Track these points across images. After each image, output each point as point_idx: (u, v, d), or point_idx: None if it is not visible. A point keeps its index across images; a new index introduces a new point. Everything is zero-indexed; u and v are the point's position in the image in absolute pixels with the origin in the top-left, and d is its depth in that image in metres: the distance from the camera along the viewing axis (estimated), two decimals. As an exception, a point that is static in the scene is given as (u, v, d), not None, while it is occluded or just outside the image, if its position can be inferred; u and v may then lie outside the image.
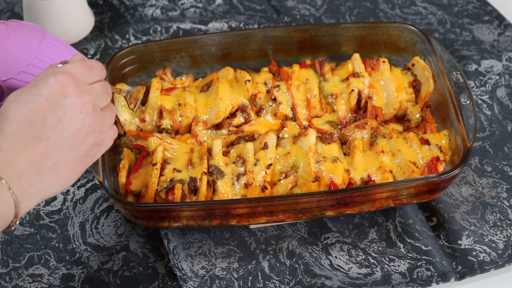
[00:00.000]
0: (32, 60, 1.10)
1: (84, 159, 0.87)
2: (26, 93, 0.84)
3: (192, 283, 1.03)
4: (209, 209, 1.02)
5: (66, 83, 0.84)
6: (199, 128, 1.14)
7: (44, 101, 0.83)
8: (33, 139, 0.81)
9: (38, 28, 1.15)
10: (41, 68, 1.10)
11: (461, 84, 1.13)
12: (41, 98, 0.83)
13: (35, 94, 0.83)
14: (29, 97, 0.83)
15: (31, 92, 0.84)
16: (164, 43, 1.21)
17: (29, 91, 0.84)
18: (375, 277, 1.03)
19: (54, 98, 0.83)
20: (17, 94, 0.84)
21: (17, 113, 0.82)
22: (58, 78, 0.84)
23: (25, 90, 0.84)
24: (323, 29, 1.23)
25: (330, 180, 1.05)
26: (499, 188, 1.14)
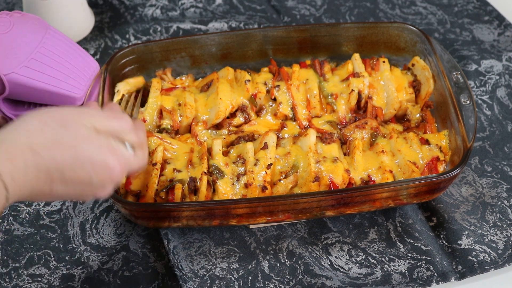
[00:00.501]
0: (35, 54, 1.10)
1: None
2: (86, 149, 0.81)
3: (192, 283, 1.03)
4: (209, 209, 1.02)
5: (121, 175, 0.84)
6: (199, 128, 1.14)
7: (88, 170, 0.81)
8: (53, 181, 0.80)
9: (41, 22, 1.15)
10: (43, 63, 1.10)
11: (461, 84, 1.13)
12: (88, 167, 0.81)
13: (88, 160, 0.81)
14: (82, 166, 0.81)
15: (88, 152, 0.81)
16: (164, 43, 1.21)
17: (91, 149, 0.81)
18: (375, 277, 1.03)
19: (100, 181, 0.82)
20: (80, 136, 0.82)
21: (58, 155, 0.80)
22: (119, 166, 0.83)
23: (90, 142, 0.82)
24: (323, 29, 1.23)
25: (330, 180, 1.05)
26: (499, 188, 1.14)
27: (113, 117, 0.86)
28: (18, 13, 1.15)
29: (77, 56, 1.15)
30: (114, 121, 0.86)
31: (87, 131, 0.82)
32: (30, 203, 1.12)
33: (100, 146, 0.82)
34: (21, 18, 1.13)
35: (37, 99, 1.11)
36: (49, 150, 0.79)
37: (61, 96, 1.11)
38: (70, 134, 0.80)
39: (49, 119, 0.81)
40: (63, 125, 0.80)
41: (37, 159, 0.78)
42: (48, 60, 1.10)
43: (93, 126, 0.83)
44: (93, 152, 0.81)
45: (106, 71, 1.13)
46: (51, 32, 1.13)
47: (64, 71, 1.11)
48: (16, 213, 1.10)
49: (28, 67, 1.09)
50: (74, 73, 1.12)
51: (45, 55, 1.10)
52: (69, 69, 1.12)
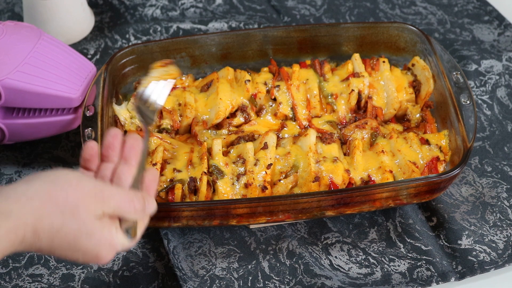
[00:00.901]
0: (28, 59, 1.09)
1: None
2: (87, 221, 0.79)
3: (192, 283, 1.03)
4: (209, 209, 1.02)
5: (109, 260, 0.83)
6: (199, 128, 1.14)
7: (78, 256, 0.80)
8: (40, 251, 0.79)
9: (35, 29, 1.15)
10: (37, 67, 1.09)
11: (461, 84, 1.13)
12: (79, 254, 0.80)
13: (82, 250, 0.79)
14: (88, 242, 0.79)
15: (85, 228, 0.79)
16: (164, 43, 1.21)
17: (91, 228, 0.79)
18: (375, 277, 1.03)
19: (86, 260, 0.81)
20: (86, 205, 0.79)
21: (56, 241, 0.78)
22: (111, 256, 0.81)
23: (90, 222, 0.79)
24: (323, 29, 1.23)
25: (330, 180, 1.05)
26: (499, 188, 1.14)
27: (129, 199, 0.82)
28: (12, 22, 1.15)
29: (72, 59, 1.14)
30: (126, 205, 0.82)
31: (93, 224, 0.79)
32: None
33: (99, 240, 0.80)
34: (14, 26, 1.13)
35: (34, 104, 1.10)
36: (50, 237, 0.78)
37: (57, 98, 1.10)
38: (76, 225, 0.78)
39: (61, 200, 0.78)
40: (72, 213, 0.78)
41: (36, 241, 0.77)
42: (42, 63, 1.10)
43: (102, 212, 0.80)
44: (89, 247, 0.80)
45: (106, 71, 1.13)
46: (45, 38, 1.13)
47: (59, 73, 1.11)
48: (16, 213, 1.10)
49: (22, 71, 1.08)
50: (70, 75, 1.12)
51: (39, 59, 1.10)
52: (64, 71, 1.12)
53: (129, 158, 0.88)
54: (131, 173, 0.87)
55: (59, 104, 1.11)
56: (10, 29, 1.12)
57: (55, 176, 0.80)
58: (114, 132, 0.89)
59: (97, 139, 1.05)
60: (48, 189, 0.78)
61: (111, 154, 0.88)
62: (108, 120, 1.11)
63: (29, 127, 1.12)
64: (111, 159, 0.88)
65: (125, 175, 0.86)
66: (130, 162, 0.87)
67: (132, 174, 0.87)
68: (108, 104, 1.12)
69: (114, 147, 0.88)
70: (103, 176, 0.87)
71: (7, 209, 0.75)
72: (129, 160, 0.87)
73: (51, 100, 1.10)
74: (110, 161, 0.88)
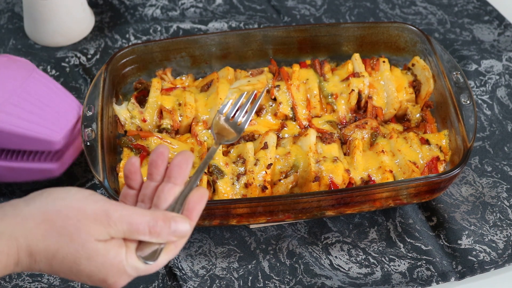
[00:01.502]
0: (13, 99, 1.06)
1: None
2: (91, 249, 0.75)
3: (192, 283, 1.03)
4: (209, 209, 1.01)
5: (123, 284, 0.78)
6: (199, 128, 1.14)
7: (85, 280, 0.76)
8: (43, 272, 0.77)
9: (27, 65, 1.12)
10: (21, 107, 1.06)
11: (461, 84, 1.13)
12: (84, 278, 0.76)
13: (85, 275, 0.76)
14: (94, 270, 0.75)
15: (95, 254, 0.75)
16: (164, 43, 1.21)
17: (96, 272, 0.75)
18: (375, 277, 1.03)
19: (95, 285, 0.77)
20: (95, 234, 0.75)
21: (55, 265, 0.75)
22: (123, 280, 0.77)
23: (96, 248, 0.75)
24: (323, 29, 1.23)
25: (330, 180, 1.05)
26: (499, 188, 1.14)
27: (143, 221, 0.75)
28: (5, 56, 1.12)
29: (59, 99, 1.11)
30: (139, 227, 0.75)
31: (94, 247, 0.74)
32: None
33: (102, 263, 0.75)
34: (5, 61, 1.10)
35: (14, 145, 1.07)
36: (47, 260, 0.74)
37: (37, 141, 1.06)
38: (73, 248, 0.74)
39: (56, 220, 0.74)
40: (70, 235, 0.74)
41: (33, 264, 0.75)
42: (26, 104, 1.07)
43: (108, 236, 0.75)
44: (93, 270, 0.75)
45: (106, 71, 1.13)
46: (35, 75, 1.10)
47: (42, 115, 1.07)
48: (16, 213, 1.10)
49: (3, 112, 1.05)
50: (54, 117, 1.08)
51: (24, 99, 1.07)
52: (49, 112, 1.08)
53: (173, 177, 0.80)
54: (173, 193, 0.80)
55: (39, 147, 1.07)
56: (2, 63, 1.10)
57: (57, 194, 0.76)
58: (160, 150, 0.81)
59: (97, 140, 1.04)
60: (45, 209, 0.74)
61: (154, 172, 0.81)
62: (108, 120, 1.11)
63: (8, 170, 1.10)
64: (154, 177, 0.82)
65: (164, 194, 0.80)
66: (174, 181, 0.80)
67: (175, 194, 0.80)
68: (108, 104, 1.12)
69: (157, 165, 0.81)
70: (144, 195, 0.81)
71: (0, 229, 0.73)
72: (173, 179, 0.80)
73: (31, 142, 1.07)
74: (153, 180, 0.82)
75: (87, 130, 1.06)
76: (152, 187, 0.82)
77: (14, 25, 1.40)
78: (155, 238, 0.76)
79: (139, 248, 0.77)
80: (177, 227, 0.77)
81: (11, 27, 1.40)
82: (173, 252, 0.79)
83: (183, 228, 0.77)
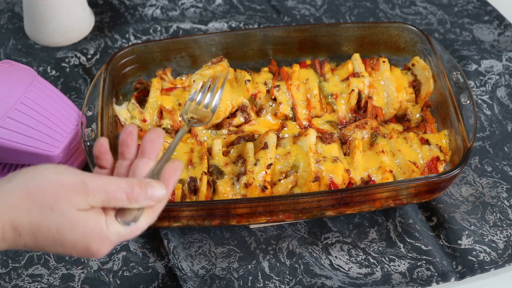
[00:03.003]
0: (11, 112, 1.05)
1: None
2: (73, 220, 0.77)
3: (192, 283, 1.03)
4: (209, 209, 1.02)
5: (106, 252, 0.80)
6: (199, 128, 1.14)
7: (70, 251, 0.78)
8: (30, 248, 0.78)
9: (28, 73, 1.10)
10: (19, 121, 1.05)
11: (461, 84, 1.13)
12: (70, 249, 0.78)
13: (70, 244, 0.77)
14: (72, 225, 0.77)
15: (76, 223, 0.77)
16: (164, 43, 1.21)
17: (82, 224, 0.77)
18: (375, 277, 1.03)
19: (80, 255, 0.79)
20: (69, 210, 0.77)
21: (40, 237, 0.77)
22: (105, 248, 0.79)
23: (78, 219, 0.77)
24: (323, 29, 1.23)
25: (330, 180, 1.05)
26: (499, 188, 1.14)
27: (120, 188, 0.78)
28: (7, 63, 1.10)
29: (59, 109, 1.09)
30: (116, 195, 0.78)
31: (74, 215, 0.76)
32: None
33: (84, 231, 0.77)
34: (7, 68, 1.08)
35: (12, 160, 1.07)
36: (31, 233, 0.76)
37: (35, 156, 1.06)
38: (56, 218, 0.76)
39: (36, 194, 0.76)
40: (51, 207, 0.76)
41: (17, 238, 0.76)
42: (25, 118, 1.06)
43: (88, 205, 0.77)
44: (76, 239, 0.77)
45: (106, 71, 1.13)
46: (36, 85, 1.08)
47: (41, 129, 1.06)
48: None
49: (2, 127, 1.04)
50: (53, 130, 1.07)
51: (23, 112, 1.06)
52: (48, 126, 1.07)
53: (146, 152, 0.83)
54: (147, 167, 0.82)
55: (37, 161, 1.06)
56: (2, 72, 1.08)
57: (35, 172, 0.78)
58: (129, 129, 0.84)
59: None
60: (26, 185, 0.76)
61: (125, 151, 0.84)
62: (108, 120, 1.11)
63: None
64: (126, 156, 0.84)
65: (139, 169, 0.82)
66: (148, 156, 0.82)
67: (149, 167, 0.82)
68: (108, 104, 1.12)
69: (128, 144, 0.83)
70: (118, 174, 0.83)
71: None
72: (147, 154, 0.83)
73: (29, 157, 1.06)
74: (126, 159, 0.84)
75: (87, 130, 1.06)
76: (125, 165, 0.84)
77: (14, 25, 1.40)
78: (133, 203, 0.78)
79: (119, 215, 0.79)
80: (153, 192, 0.79)
81: (11, 27, 1.40)
82: (152, 217, 0.82)
83: (160, 193, 0.79)
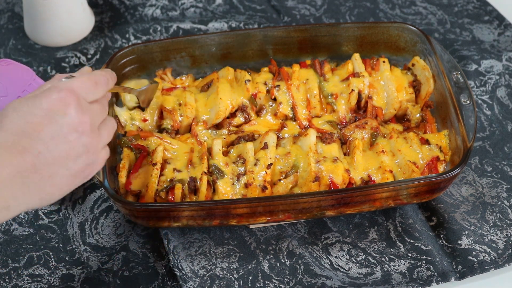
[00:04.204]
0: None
1: (73, 178, 0.85)
2: (26, 103, 0.82)
3: (192, 283, 1.03)
4: (209, 209, 1.02)
5: (69, 101, 0.83)
6: (199, 128, 1.14)
7: (42, 116, 0.82)
8: (22, 150, 0.80)
9: (28, 73, 1.10)
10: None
11: (461, 84, 1.13)
12: (40, 112, 0.82)
13: (35, 107, 0.82)
14: (28, 108, 0.82)
15: (31, 103, 0.82)
16: (164, 43, 1.21)
17: (30, 102, 0.82)
18: (375, 277, 1.03)
19: (52, 114, 0.82)
20: (18, 103, 0.82)
21: (13, 122, 0.81)
22: (61, 95, 0.83)
23: (27, 100, 0.83)
24: (323, 29, 1.23)
25: (330, 180, 1.05)
26: (499, 188, 1.14)
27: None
28: (6, 62, 1.09)
29: None
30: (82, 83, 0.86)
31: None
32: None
33: (42, 89, 0.84)
34: (5, 68, 1.08)
35: None
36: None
37: None
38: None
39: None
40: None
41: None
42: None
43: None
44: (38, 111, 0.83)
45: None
46: (33, 85, 1.08)
47: None
48: (16, 213, 1.10)
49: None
50: None
51: None
52: None
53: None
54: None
55: None
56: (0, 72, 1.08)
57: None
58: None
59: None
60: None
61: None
62: (108, 120, 1.11)
63: None
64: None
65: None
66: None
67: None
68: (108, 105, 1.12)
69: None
70: None
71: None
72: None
73: None
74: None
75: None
76: None
77: (14, 25, 1.40)
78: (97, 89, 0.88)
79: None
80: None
81: (11, 27, 1.40)
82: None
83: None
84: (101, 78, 0.89)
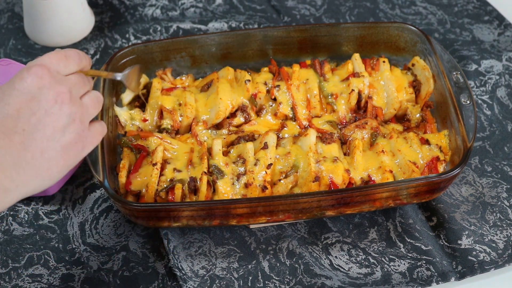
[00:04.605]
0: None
1: (67, 151, 0.86)
2: (1, 90, 0.83)
3: (192, 283, 1.03)
4: (209, 209, 1.02)
5: (40, 75, 0.84)
6: (199, 128, 1.14)
7: (18, 95, 0.83)
8: (7, 133, 0.81)
9: None
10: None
11: (461, 84, 1.13)
12: (15, 92, 0.83)
13: (10, 89, 0.83)
14: (4, 92, 0.83)
15: (6, 87, 0.84)
16: (164, 43, 1.21)
17: (5, 87, 0.84)
18: (375, 277, 1.03)
19: (28, 92, 0.83)
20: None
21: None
22: (32, 71, 0.84)
23: (1, 87, 0.84)
24: (323, 29, 1.23)
25: (330, 180, 1.05)
26: (499, 188, 1.14)
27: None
28: (5, 62, 1.10)
29: None
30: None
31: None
32: (28, 202, 1.12)
33: (15, 74, 0.85)
34: (4, 68, 1.08)
35: None
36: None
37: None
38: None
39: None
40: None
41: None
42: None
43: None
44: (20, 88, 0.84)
45: (106, 71, 1.13)
46: None
47: None
48: (15, 213, 1.10)
49: None
50: None
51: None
52: None
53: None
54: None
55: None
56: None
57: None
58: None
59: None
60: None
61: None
62: (108, 120, 1.11)
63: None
64: None
65: None
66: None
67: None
68: (109, 105, 1.12)
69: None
70: None
71: None
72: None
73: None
74: None
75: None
76: None
77: (14, 25, 1.40)
78: (69, 62, 0.89)
79: None
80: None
81: (11, 27, 1.40)
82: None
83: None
84: (70, 52, 0.90)
